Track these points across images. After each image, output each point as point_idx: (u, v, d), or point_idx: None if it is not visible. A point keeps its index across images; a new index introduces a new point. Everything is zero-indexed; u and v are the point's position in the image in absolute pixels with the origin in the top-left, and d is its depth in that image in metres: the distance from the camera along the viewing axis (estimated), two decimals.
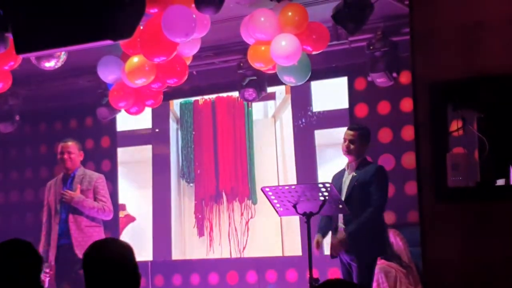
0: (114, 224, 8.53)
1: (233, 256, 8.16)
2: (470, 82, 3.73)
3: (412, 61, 3.87)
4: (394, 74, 6.75)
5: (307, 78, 6.55)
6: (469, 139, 3.80)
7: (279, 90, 5.71)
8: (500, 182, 3.69)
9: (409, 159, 7.18)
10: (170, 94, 7.67)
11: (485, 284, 3.64)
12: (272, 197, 5.55)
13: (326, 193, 5.40)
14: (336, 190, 5.62)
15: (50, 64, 6.50)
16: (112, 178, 8.68)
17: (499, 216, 3.62)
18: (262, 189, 5.59)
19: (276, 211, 5.70)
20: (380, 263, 6.57)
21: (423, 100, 3.79)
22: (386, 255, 6.59)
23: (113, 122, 8.51)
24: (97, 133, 8.92)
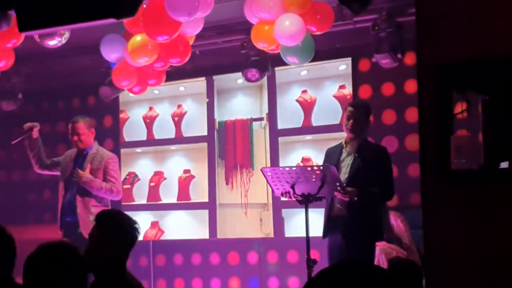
0: (117, 202, 8.57)
1: (233, 236, 8.23)
2: (475, 64, 3.70)
3: (417, 42, 3.84)
4: (399, 55, 6.71)
5: (310, 59, 6.53)
6: (474, 122, 3.78)
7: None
8: (504, 165, 3.68)
9: (412, 141, 7.17)
10: (173, 74, 7.65)
11: (487, 266, 3.64)
12: (271, 178, 5.53)
13: (325, 175, 5.36)
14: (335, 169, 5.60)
15: (53, 42, 6.48)
16: None
17: (503, 199, 3.61)
18: (261, 170, 5.58)
19: (273, 191, 5.68)
20: (381, 245, 6.57)
21: (427, 81, 3.77)
22: (382, 239, 6.56)
23: (115, 101, 8.50)
24: (100, 112, 8.91)
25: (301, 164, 8.22)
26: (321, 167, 5.43)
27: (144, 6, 5.82)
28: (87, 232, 6.39)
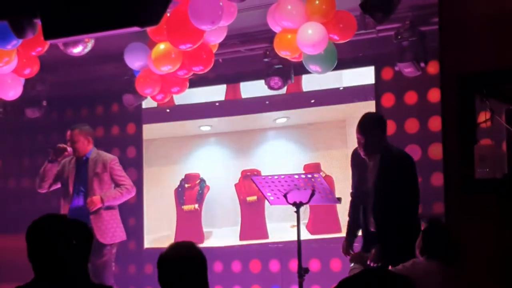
0: (138, 208, 8.60)
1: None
2: (498, 73, 3.68)
3: (440, 51, 3.84)
4: (422, 64, 6.68)
5: (333, 67, 6.53)
6: (497, 131, 3.76)
7: None
8: None
9: (435, 150, 7.12)
10: (196, 81, 7.68)
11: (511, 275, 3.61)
12: (263, 187, 5.51)
13: (315, 184, 5.32)
14: (358, 179, 5.44)
15: (77, 50, 6.53)
16: (137, 165, 8.73)
17: None
18: (252, 179, 5.57)
19: (267, 200, 5.66)
20: None
21: (451, 90, 3.76)
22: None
23: (139, 108, 8.54)
24: (123, 120, 8.96)
25: None
26: (308, 175, 5.40)
27: (168, 14, 5.85)
28: (101, 237, 6.48)
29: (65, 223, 3.41)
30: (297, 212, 5.43)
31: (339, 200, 5.53)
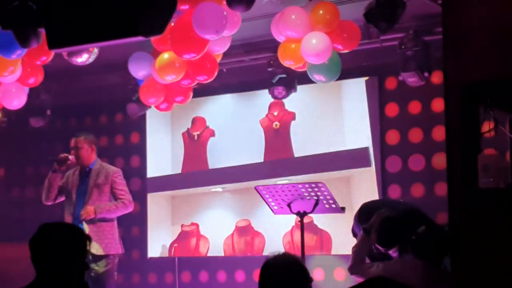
0: (141, 217, 8.59)
1: None
2: (502, 83, 3.68)
3: (444, 61, 3.84)
4: (426, 74, 6.69)
5: (337, 77, 6.53)
6: (501, 141, 3.76)
7: None
8: None
9: (439, 160, 7.12)
10: (200, 91, 7.69)
11: None
12: (267, 196, 5.50)
13: (319, 193, 5.32)
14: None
15: (81, 60, 6.54)
16: (141, 174, 8.73)
17: None
18: (256, 188, 5.56)
19: (271, 210, 5.65)
20: None
21: (454, 100, 3.76)
22: None
23: (143, 118, 8.55)
24: (126, 129, 8.97)
25: None
26: (312, 184, 5.40)
27: (172, 24, 5.86)
28: (94, 248, 6.44)
29: (58, 229, 3.45)
30: (301, 221, 5.43)
31: (343, 209, 5.53)
